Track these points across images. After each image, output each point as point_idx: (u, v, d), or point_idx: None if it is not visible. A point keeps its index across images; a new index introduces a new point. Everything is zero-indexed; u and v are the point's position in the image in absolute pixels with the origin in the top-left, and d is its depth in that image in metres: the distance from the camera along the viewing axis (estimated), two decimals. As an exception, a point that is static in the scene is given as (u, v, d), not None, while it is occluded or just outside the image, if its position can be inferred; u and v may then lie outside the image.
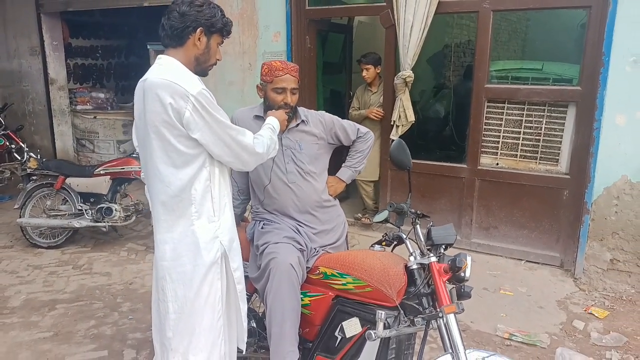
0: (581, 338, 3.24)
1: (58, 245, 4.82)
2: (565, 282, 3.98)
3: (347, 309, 2.19)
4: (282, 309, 2.15)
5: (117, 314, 3.55)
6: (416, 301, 2.07)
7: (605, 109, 3.72)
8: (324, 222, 2.52)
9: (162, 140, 1.83)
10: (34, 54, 7.20)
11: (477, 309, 3.52)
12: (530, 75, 4.44)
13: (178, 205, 1.88)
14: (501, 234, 4.43)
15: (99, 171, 4.73)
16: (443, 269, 2.01)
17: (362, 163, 2.73)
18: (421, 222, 2.17)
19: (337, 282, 2.21)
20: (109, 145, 7.46)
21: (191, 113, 1.78)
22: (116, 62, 9.14)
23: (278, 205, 2.48)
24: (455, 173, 4.56)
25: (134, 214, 4.87)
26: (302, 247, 2.32)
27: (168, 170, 1.86)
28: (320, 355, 2.26)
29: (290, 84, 2.35)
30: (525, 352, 3.08)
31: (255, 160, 2.00)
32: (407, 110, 4.49)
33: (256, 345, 2.53)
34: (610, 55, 3.66)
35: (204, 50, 1.95)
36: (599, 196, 3.84)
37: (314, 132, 2.50)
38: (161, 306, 1.96)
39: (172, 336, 1.92)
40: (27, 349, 3.12)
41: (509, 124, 4.33)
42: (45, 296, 3.83)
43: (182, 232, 1.90)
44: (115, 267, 4.40)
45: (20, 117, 7.43)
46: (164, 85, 1.78)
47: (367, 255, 2.23)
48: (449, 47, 7.21)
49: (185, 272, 1.90)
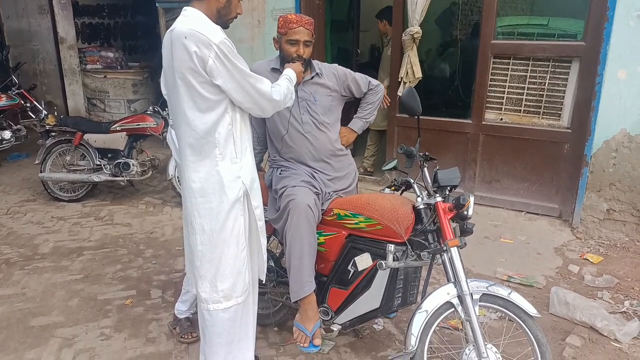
0: (575, 280, 3.47)
1: (79, 198, 5.05)
2: (563, 231, 4.19)
3: (359, 245, 2.40)
4: (300, 244, 2.36)
5: (141, 259, 3.80)
6: (422, 237, 2.28)
7: (607, 64, 3.82)
8: (337, 170, 2.70)
9: (188, 87, 1.97)
10: (43, 12, 7.24)
11: (478, 255, 3.75)
12: (536, 30, 4.51)
13: (204, 147, 2.05)
14: (503, 187, 4.61)
15: (116, 127, 4.91)
16: (448, 207, 2.20)
17: (372, 114, 2.89)
18: (428, 165, 2.35)
19: (350, 222, 2.41)
20: (120, 104, 7.59)
21: (214, 61, 1.91)
22: (123, 22, 9.13)
23: (295, 154, 2.65)
24: (461, 128, 4.71)
25: (150, 169, 5.07)
26: (317, 191, 2.51)
27: (194, 114, 2.01)
28: (334, 287, 2.49)
29: (303, 37, 2.47)
30: (522, 292, 3.29)
31: (273, 107, 2.15)
32: (415, 67, 4.59)
33: (275, 282, 2.77)
34: (614, 10, 3.73)
35: (226, 3, 2.07)
36: (599, 149, 3.99)
37: (327, 84, 2.64)
38: (190, 239, 2.16)
39: (201, 265, 2.13)
40: (61, 288, 3.38)
41: (514, 79, 4.44)
42: (72, 244, 4.08)
43: (207, 172, 2.08)
44: (135, 218, 4.64)
45: (32, 77, 7.54)
46: (190, 34, 1.91)
47: (378, 197, 2.43)
48: (456, 5, 7.20)
49: (212, 208, 2.09)
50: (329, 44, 5.85)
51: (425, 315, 2.13)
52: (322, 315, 2.51)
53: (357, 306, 2.44)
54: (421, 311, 2.14)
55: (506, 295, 2.11)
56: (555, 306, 3.03)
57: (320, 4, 5.25)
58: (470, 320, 2.09)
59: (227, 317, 2.16)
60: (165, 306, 3.15)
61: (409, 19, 4.55)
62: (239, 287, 2.16)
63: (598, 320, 2.84)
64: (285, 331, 2.86)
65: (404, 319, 2.93)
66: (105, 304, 3.19)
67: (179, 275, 3.46)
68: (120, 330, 2.92)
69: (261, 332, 2.83)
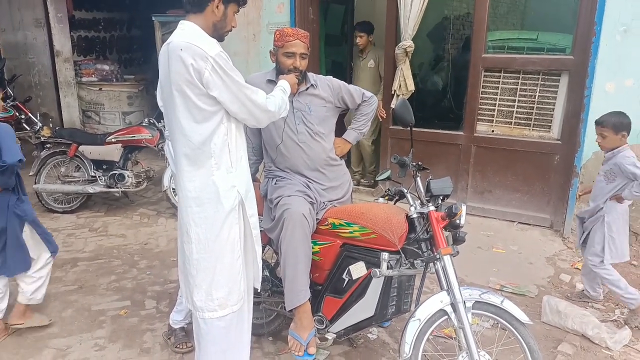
0: (567, 289, 3.51)
1: (73, 210, 5.05)
2: (554, 241, 4.24)
3: (354, 254, 2.43)
4: (295, 253, 2.39)
5: (135, 270, 3.80)
6: (416, 246, 2.32)
7: (595, 77, 3.92)
8: (331, 179, 2.74)
9: (184, 98, 2.01)
10: (39, 25, 7.29)
11: (471, 265, 3.79)
12: (526, 45, 4.62)
13: (199, 157, 2.08)
14: (495, 198, 4.67)
15: (111, 139, 4.93)
16: (440, 216, 2.24)
17: (366, 125, 2.93)
18: (421, 175, 2.39)
19: (344, 231, 2.44)
20: (115, 116, 7.61)
21: (210, 73, 1.96)
22: (118, 35, 9.22)
23: (290, 163, 2.68)
24: (453, 140, 4.77)
25: (145, 181, 5.09)
26: (312, 200, 2.55)
27: (190, 125, 2.05)
28: (329, 296, 2.51)
29: (299, 49, 2.53)
30: (515, 301, 3.32)
31: (268, 117, 2.19)
32: (407, 80, 4.67)
33: (270, 291, 2.78)
34: (601, 25, 3.83)
35: (222, 17, 2.12)
36: (588, 160, 4.07)
37: (322, 95, 2.69)
38: (185, 248, 2.18)
39: (196, 274, 2.15)
40: (55, 299, 3.37)
41: (505, 92, 4.52)
42: (66, 255, 4.07)
43: (203, 182, 2.10)
44: (129, 229, 4.64)
45: (27, 89, 7.56)
46: (186, 47, 1.96)
47: (371, 206, 2.47)
48: (448, 20, 7.33)
49: (208, 217, 2.12)
50: (323, 57, 5.93)
51: (418, 324, 2.15)
52: (316, 324, 2.53)
53: (352, 314, 2.46)
54: (415, 319, 2.17)
55: (499, 303, 2.14)
56: (548, 315, 3.07)
57: (315, 19, 5.34)
58: (463, 328, 2.11)
59: (223, 325, 2.17)
60: (159, 316, 3.15)
61: (401, 33, 4.64)
62: (234, 296, 2.17)
63: (589, 329, 2.88)
64: (280, 341, 2.87)
65: (398, 328, 2.95)
66: (100, 315, 3.18)
67: (174, 286, 3.46)
68: (115, 340, 2.92)
69: (256, 342, 2.83)
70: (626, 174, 2.91)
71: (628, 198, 2.97)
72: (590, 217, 3.16)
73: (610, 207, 3.03)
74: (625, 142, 2.97)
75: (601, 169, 3.12)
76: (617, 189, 2.99)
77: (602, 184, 3.07)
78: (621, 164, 2.92)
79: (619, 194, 2.98)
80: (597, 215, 3.09)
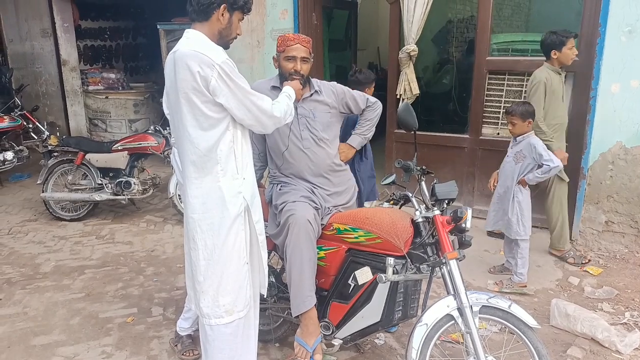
0: (575, 292, 3.48)
1: (80, 217, 5.07)
2: (562, 244, 4.20)
3: (359, 259, 2.42)
4: (300, 259, 2.39)
5: (142, 277, 3.81)
6: (422, 250, 2.31)
7: (601, 78, 3.89)
8: (336, 185, 2.74)
9: (191, 106, 2.03)
10: (46, 35, 7.36)
11: (478, 269, 3.76)
12: (530, 47, 4.60)
13: (206, 164, 2.10)
14: (502, 201, 4.63)
15: (117, 147, 4.96)
16: (446, 220, 2.23)
17: (371, 130, 2.94)
18: (426, 179, 2.39)
19: (349, 236, 2.44)
20: (121, 124, 7.66)
21: (216, 80, 1.97)
22: (124, 44, 9.29)
23: (294, 170, 2.69)
24: (458, 143, 4.76)
25: (151, 188, 5.11)
26: (317, 206, 2.55)
27: (197, 132, 2.06)
28: (335, 302, 2.50)
29: (300, 53, 2.54)
30: (522, 304, 3.30)
31: (274, 123, 2.20)
32: (412, 84, 4.67)
33: (276, 297, 2.78)
34: (606, 26, 3.81)
35: (227, 25, 2.14)
36: (595, 162, 4.04)
37: (326, 101, 2.70)
38: (192, 254, 2.19)
39: (203, 280, 2.15)
40: (62, 307, 3.38)
41: (510, 94, 4.51)
42: (74, 263, 4.09)
43: (209, 188, 2.12)
44: (136, 236, 4.66)
45: (34, 98, 7.63)
46: (193, 55, 1.98)
47: (376, 211, 2.46)
48: (452, 23, 7.32)
49: (214, 224, 2.12)
50: (327, 63, 5.94)
51: (425, 329, 2.14)
52: (323, 330, 2.52)
53: (358, 320, 2.45)
54: (421, 324, 2.15)
55: (506, 307, 2.12)
56: (556, 318, 3.04)
57: (318, 24, 5.35)
58: (470, 333, 2.10)
59: (229, 332, 2.17)
60: (166, 324, 3.16)
61: (405, 37, 4.64)
62: (240, 302, 2.17)
63: (599, 332, 2.85)
64: (287, 347, 2.86)
65: (405, 333, 2.93)
66: (107, 322, 3.19)
67: (180, 293, 3.47)
68: (122, 348, 2.92)
69: (262, 348, 2.83)
70: (534, 154, 3.34)
71: (531, 182, 3.41)
72: (499, 199, 3.55)
73: (519, 188, 3.46)
74: (530, 129, 3.43)
75: (509, 152, 3.53)
76: (525, 168, 3.40)
77: (511, 165, 3.48)
78: (535, 145, 3.34)
79: (523, 177, 3.40)
80: (507, 196, 3.48)
